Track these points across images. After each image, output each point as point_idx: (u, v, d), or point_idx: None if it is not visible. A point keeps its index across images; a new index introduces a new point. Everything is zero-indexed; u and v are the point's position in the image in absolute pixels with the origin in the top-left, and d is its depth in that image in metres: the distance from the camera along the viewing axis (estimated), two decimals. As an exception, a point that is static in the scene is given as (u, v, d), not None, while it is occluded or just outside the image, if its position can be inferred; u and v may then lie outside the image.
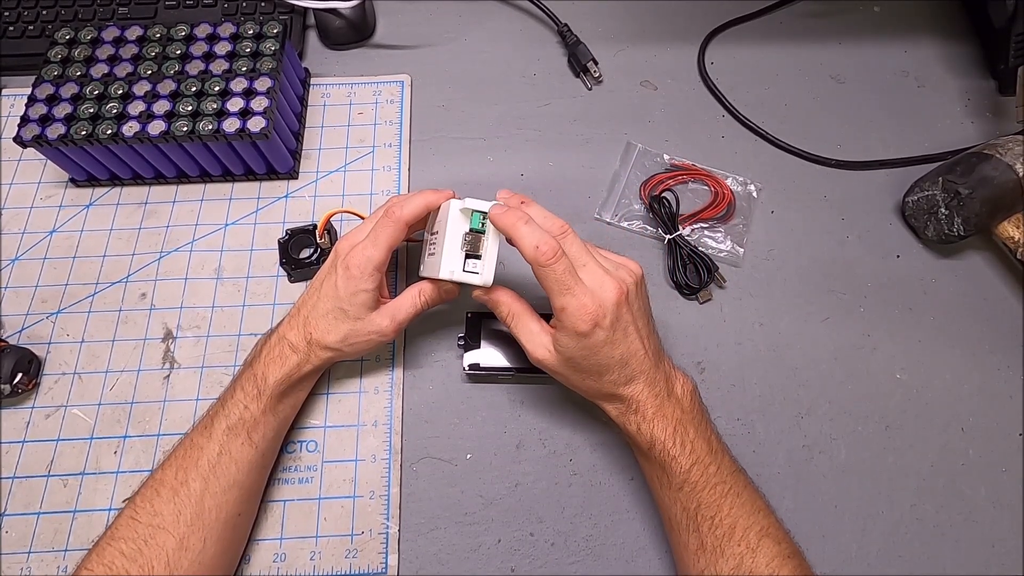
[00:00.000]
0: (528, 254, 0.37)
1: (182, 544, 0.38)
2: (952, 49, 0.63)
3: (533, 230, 0.38)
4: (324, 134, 0.58)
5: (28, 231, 0.54)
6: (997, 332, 0.51)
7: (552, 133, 0.59)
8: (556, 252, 0.37)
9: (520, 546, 0.44)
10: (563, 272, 0.37)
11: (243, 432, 0.41)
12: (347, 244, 0.43)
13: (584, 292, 0.37)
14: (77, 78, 0.52)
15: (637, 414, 0.40)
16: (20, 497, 0.45)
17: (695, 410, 0.41)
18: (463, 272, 0.41)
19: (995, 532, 0.45)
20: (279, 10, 0.62)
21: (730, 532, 0.37)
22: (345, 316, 0.42)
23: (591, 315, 0.37)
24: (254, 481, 0.43)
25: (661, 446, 0.39)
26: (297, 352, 0.43)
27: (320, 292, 0.43)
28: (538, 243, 0.37)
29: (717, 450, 0.40)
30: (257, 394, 0.41)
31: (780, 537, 0.38)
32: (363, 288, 0.42)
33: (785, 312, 0.51)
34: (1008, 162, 0.48)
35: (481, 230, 0.41)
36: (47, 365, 0.49)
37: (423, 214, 0.43)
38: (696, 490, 0.38)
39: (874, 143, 0.59)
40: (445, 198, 0.43)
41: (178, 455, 0.41)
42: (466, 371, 0.48)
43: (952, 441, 0.47)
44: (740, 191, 0.55)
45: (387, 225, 0.42)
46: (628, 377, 0.39)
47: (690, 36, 0.64)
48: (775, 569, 0.36)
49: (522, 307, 0.42)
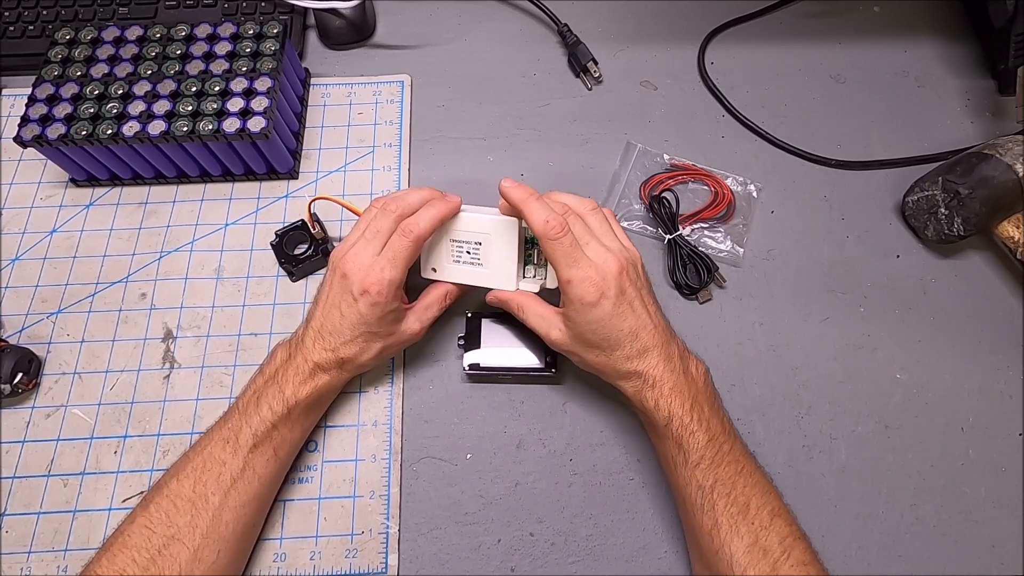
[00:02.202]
0: (538, 228, 0.40)
1: (196, 556, 0.38)
2: (952, 49, 0.63)
3: (542, 205, 0.40)
4: (324, 134, 0.58)
5: (28, 231, 0.54)
6: (997, 332, 0.51)
7: (552, 133, 0.59)
8: (563, 227, 0.40)
9: (520, 546, 0.44)
10: (569, 245, 0.40)
11: (270, 449, 0.41)
12: (345, 257, 0.42)
13: (588, 264, 0.40)
14: (77, 78, 0.52)
15: (655, 389, 0.40)
16: (20, 497, 0.45)
17: (708, 390, 0.42)
18: (531, 281, 0.46)
19: (995, 532, 0.45)
20: (279, 10, 0.62)
21: (744, 509, 0.38)
22: (376, 337, 0.43)
23: (595, 285, 0.39)
24: (272, 493, 0.43)
25: (679, 421, 0.39)
26: (328, 372, 0.42)
27: (343, 319, 0.42)
28: (547, 218, 0.40)
29: (730, 431, 0.41)
30: (286, 413, 0.41)
31: (790, 519, 0.39)
32: (389, 310, 0.42)
33: (785, 312, 0.51)
34: (1008, 162, 0.48)
35: (535, 241, 0.46)
36: (47, 365, 0.49)
37: (437, 228, 0.44)
38: (712, 466, 0.39)
39: (874, 143, 0.59)
40: (455, 209, 0.45)
41: (196, 467, 0.40)
42: (466, 371, 0.48)
43: (952, 441, 0.47)
44: (740, 191, 0.55)
45: (406, 246, 0.42)
46: (641, 350, 0.40)
47: (690, 36, 0.64)
48: (787, 548, 0.37)
49: (528, 297, 0.45)
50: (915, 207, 0.53)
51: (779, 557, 0.37)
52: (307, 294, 0.52)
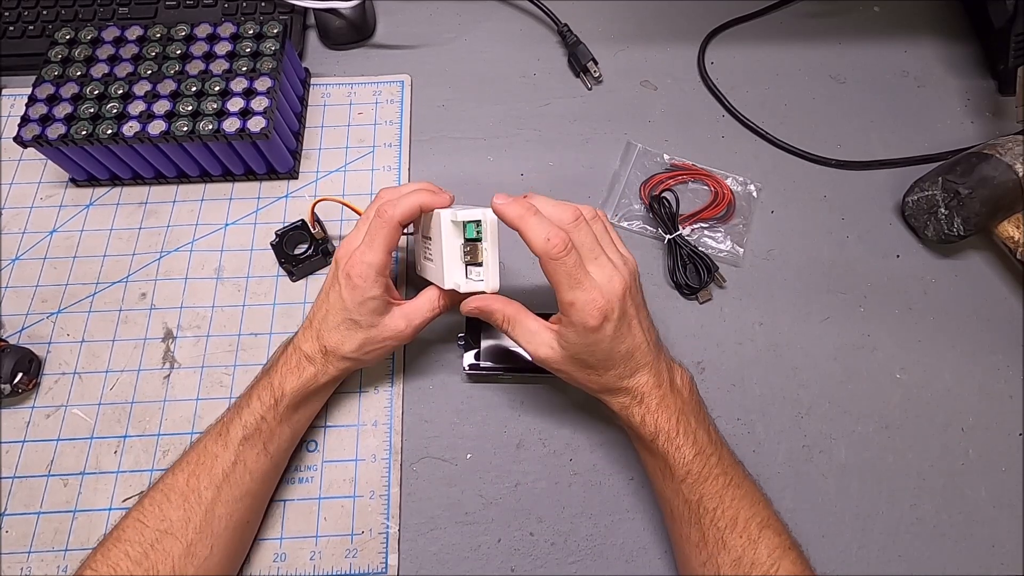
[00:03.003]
0: (538, 247, 0.36)
1: (189, 551, 0.37)
2: (952, 49, 0.63)
3: (542, 221, 0.36)
4: (324, 134, 0.58)
5: (28, 231, 0.54)
6: (997, 332, 0.51)
7: (552, 133, 0.59)
8: (567, 245, 0.36)
9: (520, 546, 0.44)
10: (573, 265, 0.36)
11: (259, 442, 0.41)
12: (345, 251, 0.42)
13: (593, 286, 0.36)
14: (77, 78, 0.52)
15: (642, 405, 0.40)
16: (20, 497, 0.45)
17: (694, 400, 0.41)
18: (466, 280, 0.41)
19: (995, 532, 0.45)
20: (279, 10, 0.62)
21: (732, 523, 0.37)
22: (357, 326, 0.41)
23: (600, 309, 0.36)
24: (266, 490, 0.43)
25: (665, 436, 0.39)
26: (313, 363, 0.42)
27: (328, 303, 0.42)
28: (548, 235, 0.35)
29: (717, 441, 0.40)
30: (274, 404, 0.41)
31: (780, 529, 0.38)
32: (370, 296, 0.40)
33: (785, 312, 0.51)
34: (1008, 162, 0.48)
35: (477, 238, 0.39)
36: (47, 365, 0.49)
37: (416, 215, 0.42)
38: (699, 481, 0.38)
39: (874, 143, 0.59)
40: (440, 202, 0.42)
41: (190, 461, 0.40)
42: (466, 371, 0.48)
43: (952, 441, 0.47)
44: (740, 191, 0.55)
45: (381, 227, 0.40)
46: (633, 369, 0.39)
47: (690, 36, 0.64)
48: (776, 560, 0.37)
49: (516, 309, 0.41)
50: (915, 207, 0.53)
51: (767, 571, 0.36)
52: (307, 294, 0.52)
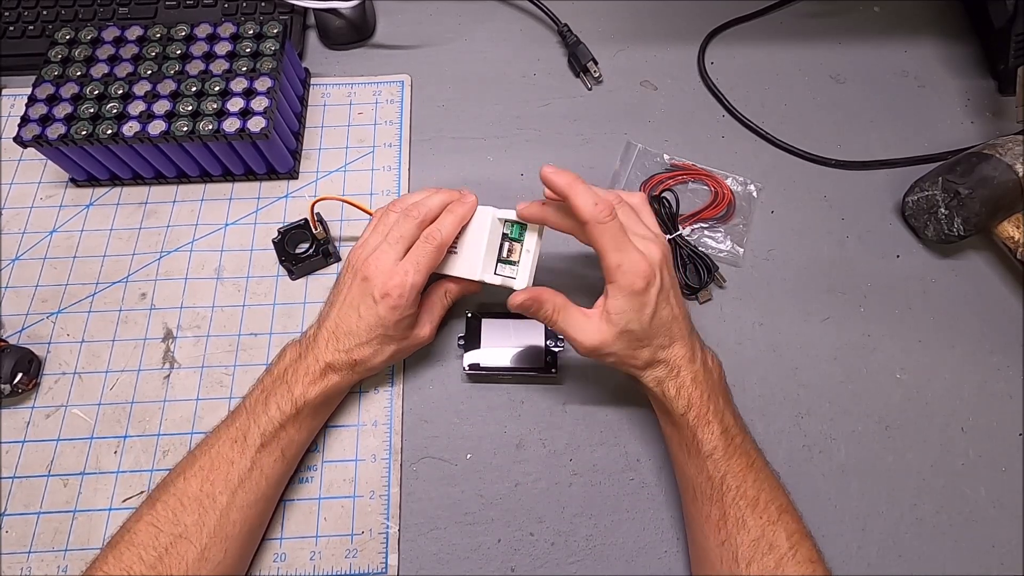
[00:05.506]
0: (587, 212, 0.38)
1: (203, 555, 0.38)
2: (952, 49, 0.63)
3: (590, 188, 0.39)
4: (324, 134, 0.58)
5: (28, 231, 0.54)
6: (997, 332, 0.51)
7: (552, 133, 0.59)
8: (612, 210, 0.38)
9: (520, 546, 0.44)
10: (618, 230, 0.38)
11: (277, 449, 0.41)
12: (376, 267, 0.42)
13: (635, 251, 0.39)
14: (77, 78, 0.52)
15: (677, 378, 0.40)
16: (20, 497, 0.45)
17: (723, 384, 0.42)
18: (495, 276, 0.43)
19: (995, 532, 0.45)
20: (279, 10, 0.62)
21: (754, 503, 0.38)
22: (391, 340, 0.43)
23: (645, 272, 0.38)
24: (278, 493, 0.43)
25: (696, 411, 0.40)
26: (339, 373, 0.43)
27: (360, 318, 0.42)
28: (596, 200, 0.38)
29: (742, 425, 0.41)
30: (295, 413, 0.41)
31: (797, 517, 0.39)
32: (408, 314, 0.43)
33: (785, 312, 0.51)
34: (1008, 162, 0.48)
35: (518, 239, 0.44)
36: (47, 365, 0.49)
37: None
38: (724, 458, 0.39)
39: (874, 143, 0.59)
40: (473, 210, 0.44)
41: (203, 466, 0.40)
42: (466, 371, 0.48)
43: (952, 441, 0.47)
44: (740, 191, 0.55)
45: (429, 253, 0.42)
46: (670, 339, 0.40)
47: (690, 36, 0.64)
48: (795, 544, 0.37)
49: (565, 300, 0.42)
50: (915, 207, 0.53)
51: (786, 553, 0.37)
52: (307, 294, 0.52)
